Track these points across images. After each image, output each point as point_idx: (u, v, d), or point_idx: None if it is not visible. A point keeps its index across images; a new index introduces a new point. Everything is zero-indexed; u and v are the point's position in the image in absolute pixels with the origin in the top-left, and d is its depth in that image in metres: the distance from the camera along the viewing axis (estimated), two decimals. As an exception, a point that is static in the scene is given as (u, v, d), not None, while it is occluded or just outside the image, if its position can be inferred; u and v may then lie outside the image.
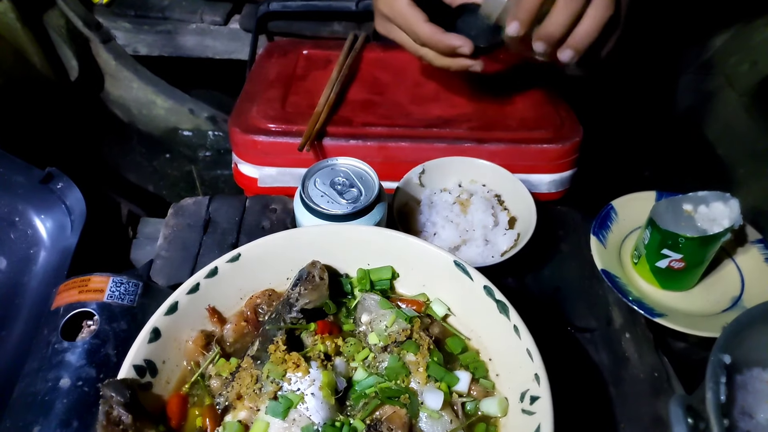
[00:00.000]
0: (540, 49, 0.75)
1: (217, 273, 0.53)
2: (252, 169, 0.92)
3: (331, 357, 0.50)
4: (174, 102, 1.27)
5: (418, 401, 0.48)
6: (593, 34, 0.73)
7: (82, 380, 0.56)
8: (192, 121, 1.29)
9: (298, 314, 0.51)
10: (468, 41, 0.78)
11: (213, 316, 0.53)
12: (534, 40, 0.75)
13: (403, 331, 0.51)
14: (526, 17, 0.72)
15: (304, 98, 0.98)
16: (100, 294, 0.62)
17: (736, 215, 0.78)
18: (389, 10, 0.82)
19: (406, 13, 0.79)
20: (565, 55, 0.75)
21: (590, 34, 0.73)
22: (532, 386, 0.46)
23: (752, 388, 0.68)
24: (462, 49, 0.78)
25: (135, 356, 0.47)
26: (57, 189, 0.80)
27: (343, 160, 0.71)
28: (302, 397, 0.45)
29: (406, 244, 0.56)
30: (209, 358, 0.50)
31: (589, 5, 0.72)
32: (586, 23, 0.73)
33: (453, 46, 0.78)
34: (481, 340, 0.53)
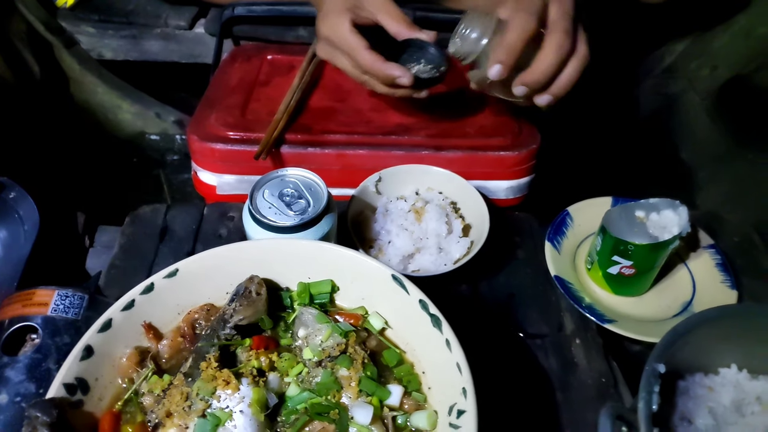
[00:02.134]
0: (520, 93, 0.76)
1: (153, 289, 0.53)
2: (210, 176, 0.92)
3: (265, 373, 0.50)
4: (140, 106, 1.26)
5: (347, 416, 0.48)
6: (574, 81, 0.75)
7: (21, 396, 0.56)
8: (159, 126, 1.28)
9: (232, 330, 0.51)
10: (407, 72, 0.79)
11: (149, 332, 0.53)
12: (516, 84, 0.75)
13: (338, 346, 0.52)
14: (511, 61, 0.72)
15: (265, 105, 0.98)
16: (45, 308, 0.62)
17: (685, 223, 0.79)
18: (332, 35, 0.82)
19: (349, 40, 0.80)
20: (542, 100, 0.77)
21: (572, 82, 0.75)
22: (460, 400, 0.47)
23: (693, 394, 0.69)
24: (401, 80, 0.79)
25: (66, 374, 0.47)
26: (9, 199, 0.80)
27: (292, 171, 0.71)
28: (230, 415, 0.46)
29: (346, 257, 0.57)
30: (143, 375, 0.50)
31: (573, 53, 0.73)
32: (569, 71, 0.74)
33: (392, 76, 0.79)
34: (416, 353, 0.54)
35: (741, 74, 1.17)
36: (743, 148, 1.15)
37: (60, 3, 1.21)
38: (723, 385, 0.69)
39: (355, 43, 0.80)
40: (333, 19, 0.82)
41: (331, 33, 0.82)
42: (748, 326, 0.67)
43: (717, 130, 1.21)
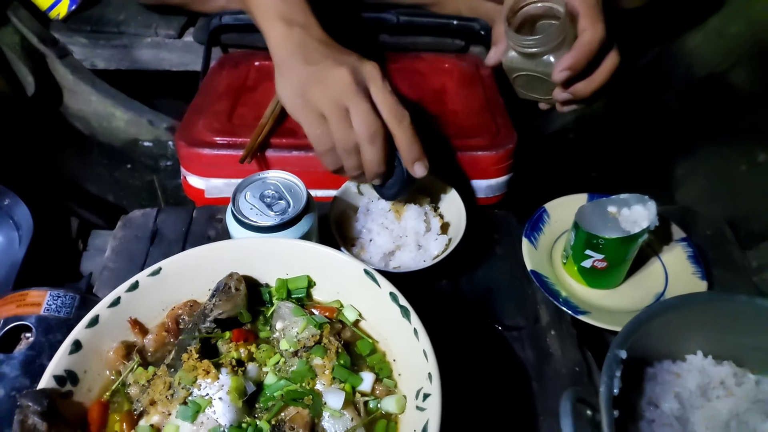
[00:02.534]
0: (563, 99, 0.83)
1: (138, 287, 0.56)
2: (199, 180, 0.95)
3: (244, 363, 0.54)
4: (133, 114, 1.29)
5: (321, 402, 0.51)
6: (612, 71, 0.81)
7: (16, 390, 0.59)
8: (152, 132, 1.32)
9: (212, 324, 0.54)
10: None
11: (134, 327, 0.56)
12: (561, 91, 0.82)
13: (312, 337, 0.55)
14: (580, 67, 0.77)
15: (252, 110, 1.01)
16: (37, 308, 0.65)
17: (653, 217, 0.82)
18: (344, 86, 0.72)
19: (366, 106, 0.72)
20: (569, 107, 0.86)
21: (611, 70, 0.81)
22: (426, 384, 0.50)
23: (661, 379, 0.72)
24: (375, 181, 0.80)
25: (56, 367, 0.50)
26: (4, 205, 0.83)
27: (273, 174, 0.74)
28: (210, 402, 0.49)
29: (321, 254, 0.60)
30: (129, 367, 0.53)
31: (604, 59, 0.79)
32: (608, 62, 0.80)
33: (380, 173, 0.76)
34: (388, 342, 0.57)
35: (715, 73, 1.20)
36: (718, 144, 1.18)
37: (53, 15, 1.24)
38: (689, 371, 0.73)
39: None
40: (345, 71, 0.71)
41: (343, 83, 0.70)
42: (710, 314, 0.70)
43: (693, 128, 1.24)
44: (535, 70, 0.82)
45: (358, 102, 0.69)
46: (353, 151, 0.72)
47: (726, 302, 0.70)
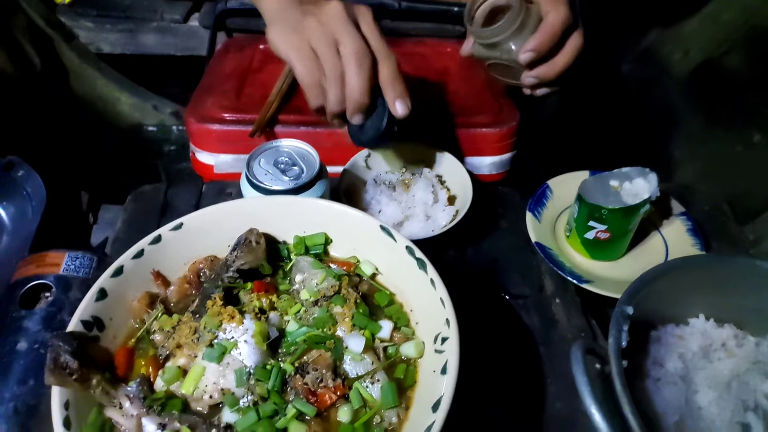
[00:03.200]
0: (529, 83, 0.84)
1: (160, 240, 0.58)
2: (208, 156, 0.97)
3: (266, 312, 0.55)
4: (138, 98, 1.30)
5: (342, 346, 0.53)
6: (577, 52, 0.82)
7: (39, 343, 0.61)
8: (156, 117, 1.33)
9: (235, 274, 0.56)
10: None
11: (157, 279, 0.58)
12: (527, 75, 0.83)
13: (332, 287, 0.57)
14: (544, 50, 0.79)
15: (259, 90, 1.03)
16: (56, 268, 0.67)
17: (654, 188, 0.85)
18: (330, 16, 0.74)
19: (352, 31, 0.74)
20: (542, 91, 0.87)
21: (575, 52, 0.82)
22: (444, 329, 0.51)
23: (665, 342, 0.74)
24: (355, 119, 0.78)
25: (83, 312, 0.51)
26: (18, 176, 0.84)
27: (286, 142, 0.76)
28: (236, 344, 0.50)
29: (338, 212, 0.61)
30: (153, 315, 0.55)
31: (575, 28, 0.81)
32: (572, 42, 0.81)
33: (364, 105, 0.75)
34: (404, 294, 0.59)
35: (711, 58, 1.23)
36: (714, 127, 1.21)
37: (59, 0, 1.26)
38: (692, 334, 0.75)
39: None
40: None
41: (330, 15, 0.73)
42: (711, 276, 0.73)
43: (690, 111, 1.27)
44: (500, 58, 0.84)
45: (349, 30, 0.71)
46: (338, 81, 0.73)
47: (726, 264, 0.72)
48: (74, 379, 0.46)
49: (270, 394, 0.49)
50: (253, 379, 0.49)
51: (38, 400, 0.57)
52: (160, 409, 0.48)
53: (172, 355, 0.52)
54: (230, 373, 0.49)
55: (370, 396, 0.51)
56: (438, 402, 0.46)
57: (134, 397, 0.48)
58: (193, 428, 0.47)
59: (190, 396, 0.49)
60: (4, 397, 0.56)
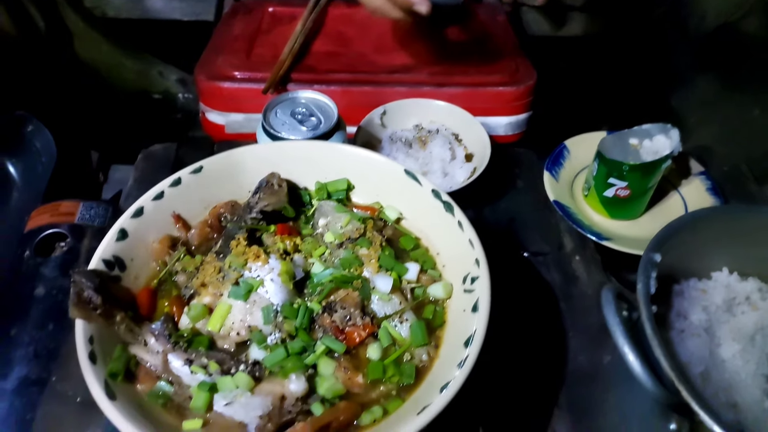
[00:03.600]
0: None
1: (180, 183, 0.56)
2: (218, 116, 0.95)
3: (289, 254, 0.54)
4: (143, 65, 1.28)
5: (369, 286, 0.52)
6: None
7: (56, 289, 0.60)
8: (162, 84, 1.30)
9: (258, 215, 0.54)
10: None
11: (178, 222, 0.56)
12: None
13: (356, 230, 0.56)
14: None
15: (269, 50, 1.01)
16: (71, 216, 0.65)
17: (676, 143, 0.83)
18: None
19: None
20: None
21: None
22: (473, 269, 0.50)
23: (688, 296, 0.73)
24: (418, 7, 0.78)
25: (104, 252, 0.50)
26: (27, 132, 0.83)
27: (303, 93, 0.75)
28: (262, 282, 0.49)
29: (360, 157, 0.60)
30: (176, 256, 0.53)
31: None
32: None
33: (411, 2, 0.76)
34: (430, 238, 0.57)
35: (728, 22, 1.21)
36: (731, 91, 1.19)
37: (62, -39, 1.23)
38: (715, 288, 0.74)
39: None
40: None
41: None
42: (736, 228, 0.71)
43: (707, 76, 1.25)
44: None
45: None
46: None
47: (752, 214, 0.71)
48: (98, 314, 0.45)
49: (297, 331, 0.48)
50: (280, 316, 0.48)
51: (57, 344, 0.56)
52: (186, 345, 0.47)
53: (197, 294, 0.50)
54: (257, 311, 0.48)
55: (399, 335, 0.49)
56: (470, 338, 0.45)
57: (159, 334, 0.47)
58: (221, 364, 0.46)
59: (217, 333, 0.48)
60: (23, 340, 0.55)
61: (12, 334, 0.56)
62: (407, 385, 0.47)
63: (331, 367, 0.47)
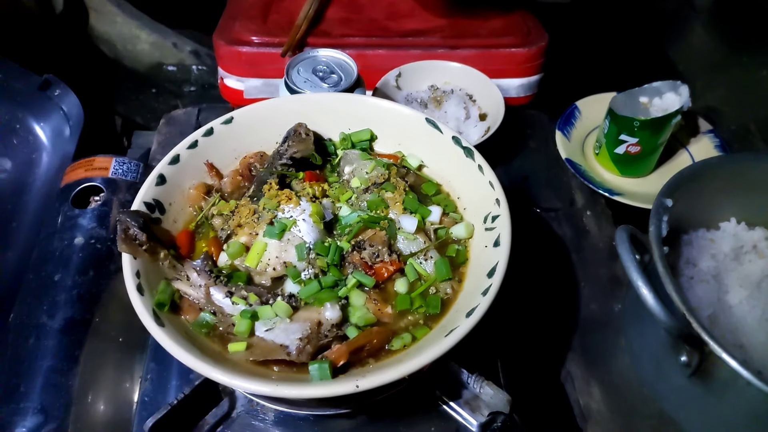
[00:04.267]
0: None
1: (213, 133, 0.59)
2: (237, 82, 0.97)
3: (318, 198, 0.57)
4: (158, 36, 1.30)
5: (395, 226, 0.55)
6: None
7: (95, 239, 0.63)
8: (176, 56, 1.33)
9: (288, 161, 0.57)
10: None
11: (211, 170, 0.59)
12: None
13: (381, 176, 0.58)
14: None
15: (284, 16, 1.03)
16: (105, 171, 0.68)
17: (686, 99, 0.85)
18: None
19: None
20: None
21: None
22: (494, 209, 0.53)
23: (697, 245, 0.76)
24: None
25: (145, 195, 0.53)
26: (54, 96, 0.85)
27: (324, 51, 0.77)
28: (294, 222, 0.52)
29: (381, 108, 0.62)
30: (211, 201, 0.56)
31: None
32: None
33: None
34: (451, 184, 0.60)
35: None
36: (738, 54, 1.20)
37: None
38: (723, 237, 0.76)
39: None
40: None
41: None
42: (745, 178, 0.74)
43: (712, 41, 1.26)
44: None
45: None
46: None
47: (759, 164, 0.73)
48: (144, 250, 0.48)
49: (329, 267, 0.51)
50: (313, 253, 0.51)
51: (99, 289, 0.60)
52: (226, 280, 0.50)
53: (234, 234, 0.53)
54: (291, 249, 0.51)
55: (424, 271, 0.52)
56: (494, 269, 0.48)
57: (201, 270, 0.50)
58: (259, 296, 0.49)
59: (254, 269, 0.51)
60: (67, 284, 0.59)
61: (56, 279, 0.59)
62: (433, 314, 0.50)
63: (362, 298, 0.50)
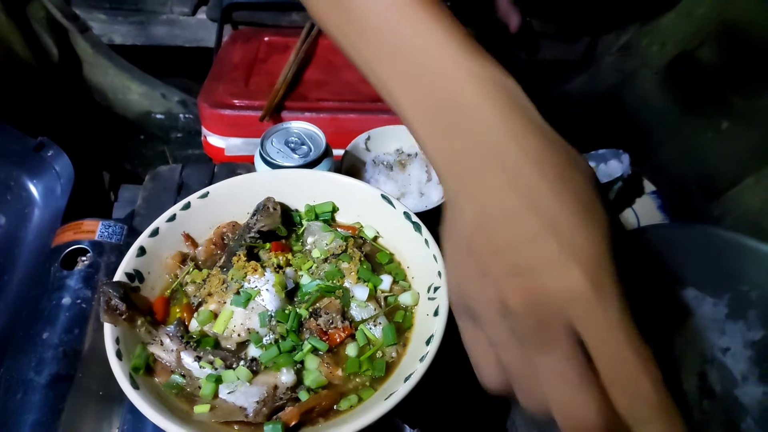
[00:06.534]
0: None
1: (190, 206, 0.66)
2: (219, 140, 1.05)
3: (282, 267, 0.64)
4: (147, 87, 1.38)
5: (349, 295, 0.62)
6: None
7: (80, 299, 0.69)
8: (164, 105, 1.41)
9: (255, 234, 0.64)
10: None
11: (187, 240, 0.66)
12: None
13: (339, 247, 0.65)
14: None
15: (265, 78, 1.11)
16: (92, 234, 0.75)
17: (626, 167, 0.94)
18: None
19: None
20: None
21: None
22: (436, 280, 0.60)
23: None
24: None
25: (126, 266, 0.60)
26: (48, 156, 0.92)
27: (296, 124, 0.84)
28: (259, 292, 0.59)
29: (342, 183, 0.70)
30: (186, 270, 0.63)
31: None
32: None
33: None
34: (402, 254, 0.67)
35: (686, 50, 1.32)
36: (688, 115, 1.30)
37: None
38: (657, 296, 0.84)
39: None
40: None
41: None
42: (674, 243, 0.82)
43: (667, 101, 1.36)
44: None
45: (564, 352, 0.38)
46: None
47: (686, 230, 0.81)
48: (123, 319, 0.54)
49: (288, 333, 0.58)
50: (274, 320, 0.58)
51: (82, 346, 0.66)
52: (195, 345, 0.57)
53: (204, 302, 0.60)
54: (255, 316, 0.58)
55: (374, 336, 0.59)
56: (430, 338, 0.55)
57: (173, 336, 0.56)
58: (224, 360, 0.55)
59: (221, 335, 0.58)
60: (54, 342, 0.65)
61: (44, 337, 0.65)
62: (378, 377, 0.56)
63: (315, 362, 0.56)
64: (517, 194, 0.39)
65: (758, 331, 0.81)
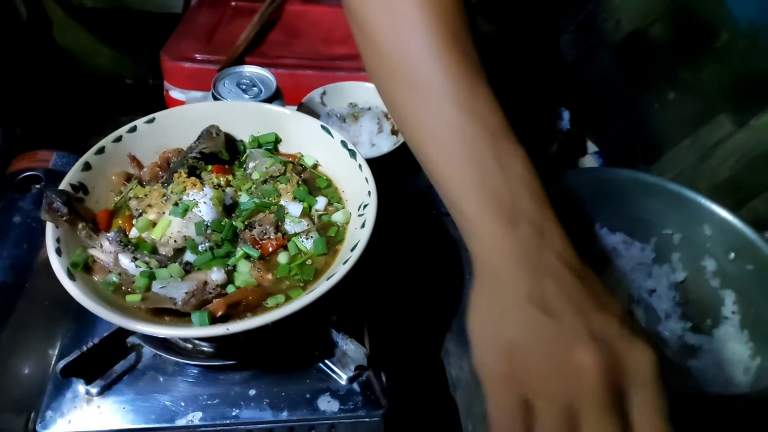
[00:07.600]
0: None
1: (136, 129, 0.70)
2: (180, 93, 1.08)
3: (222, 187, 0.67)
4: (118, 52, 1.41)
5: (284, 211, 0.65)
6: None
7: (31, 218, 0.72)
8: (134, 70, 1.43)
9: (198, 155, 0.68)
10: None
11: (133, 161, 0.69)
12: None
13: (278, 170, 0.69)
14: None
15: (228, 37, 1.15)
16: (46, 163, 0.78)
17: (566, 123, 0.99)
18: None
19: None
20: None
21: None
22: (366, 199, 0.64)
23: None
24: None
25: (71, 177, 0.63)
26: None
27: (249, 68, 0.88)
28: (197, 204, 0.62)
29: (285, 115, 0.74)
30: (130, 186, 0.66)
31: None
32: None
33: None
34: (338, 179, 0.71)
35: (639, 28, 1.38)
36: (640, 89, 1.36)
37: (44, -45, 1.35)
38: (587, 239, 0.89)
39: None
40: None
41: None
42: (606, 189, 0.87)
43: (621, 76, 1.42)
44: None
45: (602, 425, 0.40)
46: None
47: (615, 175, 0.86)
48: (64, 220, 0.58)
49: (223, 242, 0.61)
50: (210, 230, 0.62)
51: (30, 260, 0.69)
52: (133, 248, 0.60)
53: (144, 213, 0.63)
54: (191, 225, 0.61)
55: (305, 247, 0.63)
56: (356, 245, 0.59)
57: (112, 240, 0.60)
58: (160, 263, 0.59)
59: (158, 241, 0.61)
60: (2, 255, 0.68)
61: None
62: (306, 280, 0.60)
63: (247, 266, 0.60)
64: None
65: (681, 273, 0.86)
